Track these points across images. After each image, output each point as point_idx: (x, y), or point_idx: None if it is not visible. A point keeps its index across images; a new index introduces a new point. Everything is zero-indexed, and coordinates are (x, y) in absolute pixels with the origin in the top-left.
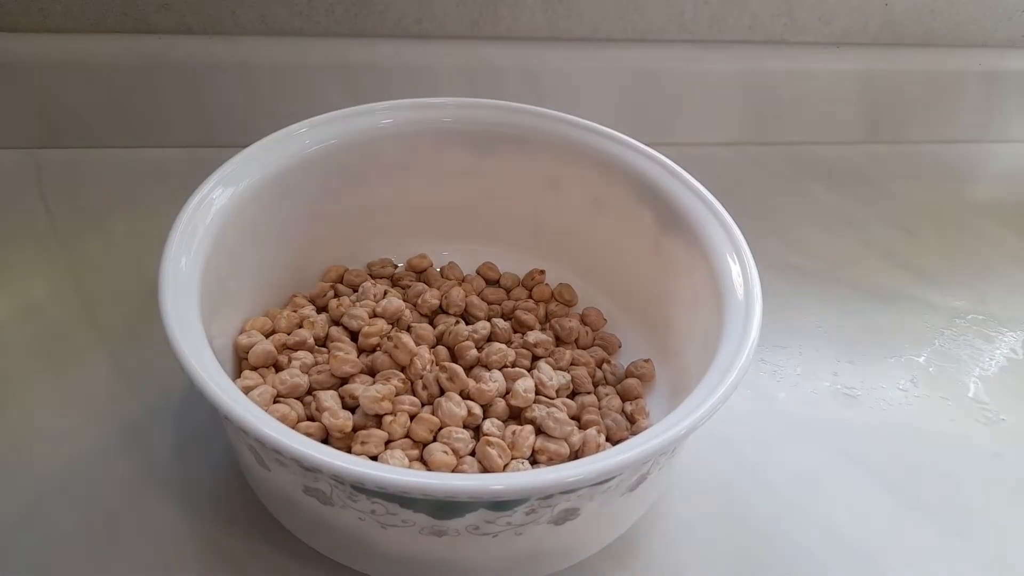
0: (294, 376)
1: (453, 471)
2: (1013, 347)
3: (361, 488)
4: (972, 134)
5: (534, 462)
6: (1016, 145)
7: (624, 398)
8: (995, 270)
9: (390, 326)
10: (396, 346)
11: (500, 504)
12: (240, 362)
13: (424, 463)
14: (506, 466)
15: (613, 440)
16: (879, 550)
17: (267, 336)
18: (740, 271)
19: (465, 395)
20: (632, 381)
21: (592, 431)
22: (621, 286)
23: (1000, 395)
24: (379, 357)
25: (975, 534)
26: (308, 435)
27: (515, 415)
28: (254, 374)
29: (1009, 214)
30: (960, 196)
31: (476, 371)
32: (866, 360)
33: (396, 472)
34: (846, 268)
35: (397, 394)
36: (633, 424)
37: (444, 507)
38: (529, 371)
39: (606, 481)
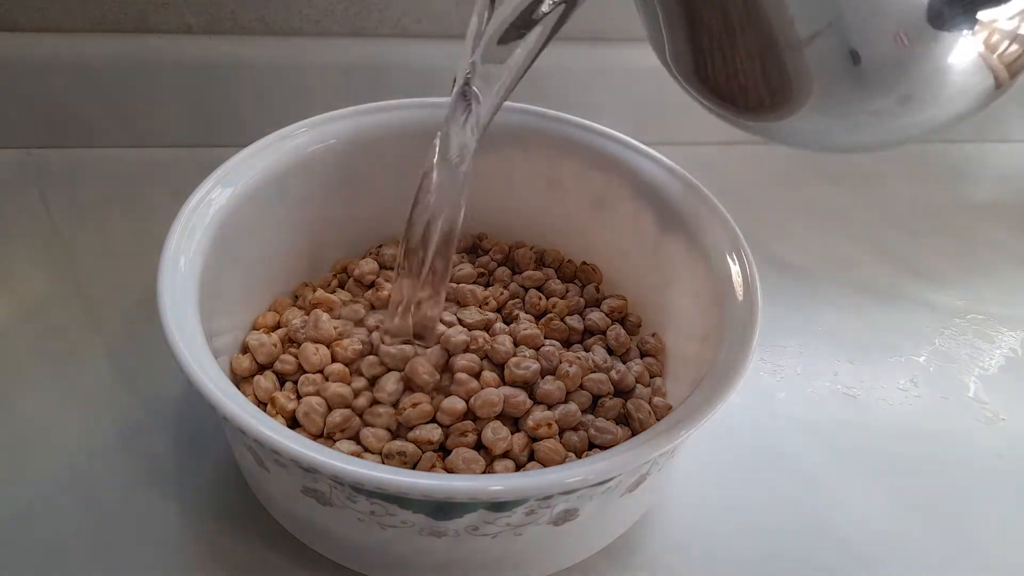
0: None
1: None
2: (1013, 347)
3: (360, 489)
4: (972, 134)
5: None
6: (1016, 145)
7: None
8: (995, 270)
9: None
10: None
11: (499, 505)
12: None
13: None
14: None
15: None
16: (879, 550)
17: (275, 329)
18: (740, 271)
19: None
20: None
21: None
22: (621, 286)
23: (1000, 395)
24: None
25: (975, 534)
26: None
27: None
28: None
29: (1009, 214)
30: (960, 196)
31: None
32: (866, 360)
33: (395, 473)
34: (846, 268)
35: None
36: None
37: (443, 508)
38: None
39: (605, 482)
